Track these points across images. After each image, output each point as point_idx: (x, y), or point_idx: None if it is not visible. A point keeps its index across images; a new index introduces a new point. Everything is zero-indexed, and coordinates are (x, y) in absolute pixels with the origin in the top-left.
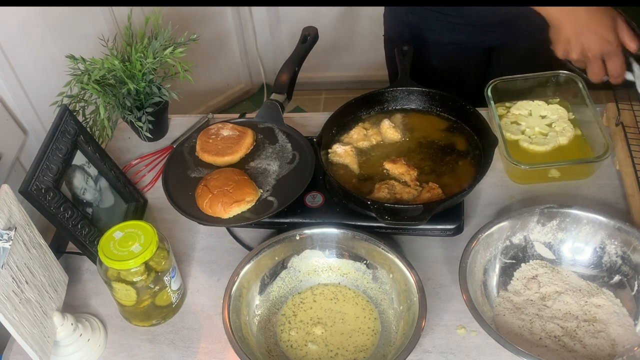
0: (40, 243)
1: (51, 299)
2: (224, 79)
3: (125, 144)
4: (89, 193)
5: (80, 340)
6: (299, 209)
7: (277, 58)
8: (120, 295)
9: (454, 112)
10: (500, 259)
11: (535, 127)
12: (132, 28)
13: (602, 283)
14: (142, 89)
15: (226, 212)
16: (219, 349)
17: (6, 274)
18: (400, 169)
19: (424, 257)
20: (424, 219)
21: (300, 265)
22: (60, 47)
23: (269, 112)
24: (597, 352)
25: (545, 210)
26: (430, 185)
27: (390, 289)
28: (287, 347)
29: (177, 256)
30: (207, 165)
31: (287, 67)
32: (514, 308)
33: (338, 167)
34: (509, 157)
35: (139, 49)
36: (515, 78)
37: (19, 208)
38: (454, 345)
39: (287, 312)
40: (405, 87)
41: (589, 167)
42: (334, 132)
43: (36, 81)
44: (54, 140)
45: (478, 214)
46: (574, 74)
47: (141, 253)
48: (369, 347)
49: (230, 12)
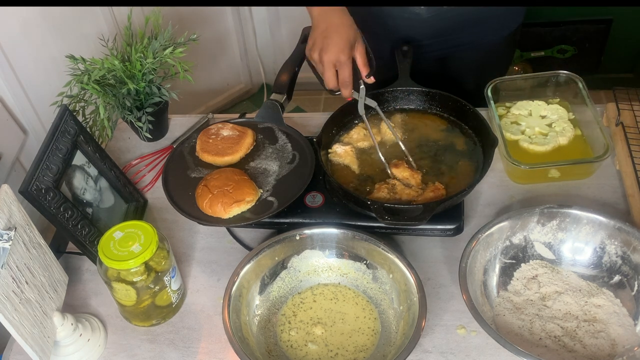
0: (40, 243)
1: (51, 299)
2: (224, 79)
3: (125, 144)
4: (89, 193)
5: (80, 340)
6: (299, 209)
7: (277, 58)
8: (120, 295)
9: (454, 112)
10: (500, 259)
11: (535, 127)
12: (132, 28)
13: (602, 283)
14: (142, 89)
15: (226, 212)
16: (219, 349)
17: (6, 274)
18: (404, 173)
19: (424, 257)
20: (424, 219)
21: (300, 265)
22: (60, 47)
23: (269, 112)
24: (597, 352)
25: (545, 210)
26: (436, 185)
27: (390, 289)
28: (287, 347)
29: (177, 256)
30: (207, 165)
31: (287, 67)
32: (514, 308)
33: (338, 167)
34: (509, 157)
35: (139, 49)
36: (515, 78)
37: (19, 208)
38: (454, 345)
39: (287, 312)
40: (405, 87)
41: (589, 167)
42: (334, 132)
43: (36, 81)
44: (54, 140)
45: (478, 214)
46: (315, 75)
47: (141, 253)
48: (369, 347)
49: (230, 12)
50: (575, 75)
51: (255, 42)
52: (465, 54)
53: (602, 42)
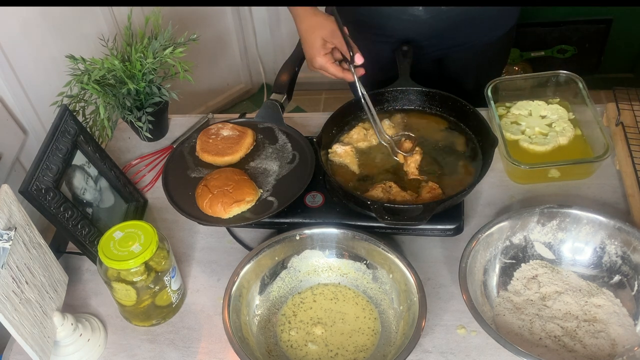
0: (40, 243)
1: (51, 299)
2: (224, 79)
3: (125, 144)
4: (89, 193)
5: (80, 340)
6: (299, 209)
7: (277, 58)
8: (120, 295)
9: (454, 112)
10: (500, 259)
11: (535, 127)
12: (132, 28)
13: (602, 283)
14: (142, 89)
15: (226, 212)
16: (219, 349)
17: (6, 274)
18: (407, 145)
19: (424, 257)
20: (424, 219)
21: (300, 265)
22: (60, 47)
23: (269, 112)
24: (597, 352)
25: (545, 210)
26: (430, 185)
27: (390, 289)
28: (287, 347)
29: (177, 256)
30: (207, 165)
31: (287, 67)
32: (514, 308)
33: (338, 167)
34: (509, 157)
35: (139, 49)
36: (515, 78)
37: (19, 208)
38: (454, 345)
39: (287, 312)
40: (405, 87)
41: (589, 167)
42: (334, 132)
43: (36, 81)
44: (54, 140)
45: (478, 214)
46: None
47: (141, 253)
48: (369, 347)
49: (230, 12)
50: (575, 75)
51: (255, 42)
52: (462, 54)
53: (602, 42)
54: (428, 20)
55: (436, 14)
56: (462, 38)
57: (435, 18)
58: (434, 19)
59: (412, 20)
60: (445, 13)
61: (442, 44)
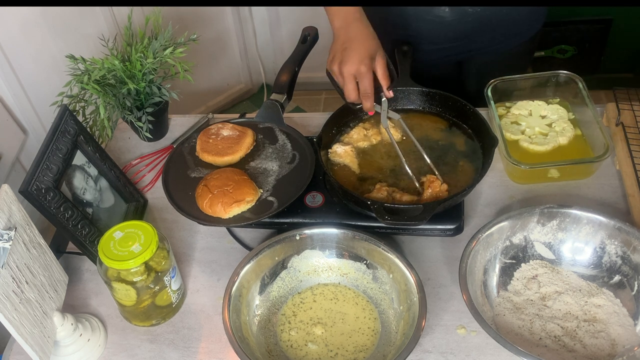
0: (40, 243)
1: (51, 299)
2: (224, 79)
3: (125, 144)
4: (89, 193)
5: (80, 340)
6: (299, 209)
7: (277, 58)
8: (120, 295)
9: (454, 112)
10: (500, 259)
11: (535, 127)
12: (132, 28)
13: (602, 283)
14: (142, 89)
15: (226, 212)
16: (219, 349)
17: (6, 274)
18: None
19: (424, 257)
20: (424, 218)
21: (300, 265)
22: (60, 47)
23: (269, 112)
24: (597, 352)
25: (545, 210)
26: (428, 177)
27: (390, 289)
28: (287, 347)
29: (177, 256)
30: (207, 165)
31: (287, 67)
32: (514, 308)
33: (338, 167)
34: (509, 157)
35: (139, 49)
36: (515, 78)
37: (19, 208)
38: (454, 345)
39: (287, 312)
40: (405, 87)
41: (589, 167)
42: (334, 132)
43: (36, 81)
44: (54, 140)
45: (478, 214)
46: (336, 89)
47: (141, 253)
48: (369, 347)
49: (230, 12)
50: (575, 75)
51: (255, 42)
52: (485, 58)
53: (602, 42)
54: (452, 22)
55: (461, 15)
56: (486, 42)
57: (460, 20)
58: (458, 21)
59: (437, 21)
60: (471, 15)
61: (466, 46)
